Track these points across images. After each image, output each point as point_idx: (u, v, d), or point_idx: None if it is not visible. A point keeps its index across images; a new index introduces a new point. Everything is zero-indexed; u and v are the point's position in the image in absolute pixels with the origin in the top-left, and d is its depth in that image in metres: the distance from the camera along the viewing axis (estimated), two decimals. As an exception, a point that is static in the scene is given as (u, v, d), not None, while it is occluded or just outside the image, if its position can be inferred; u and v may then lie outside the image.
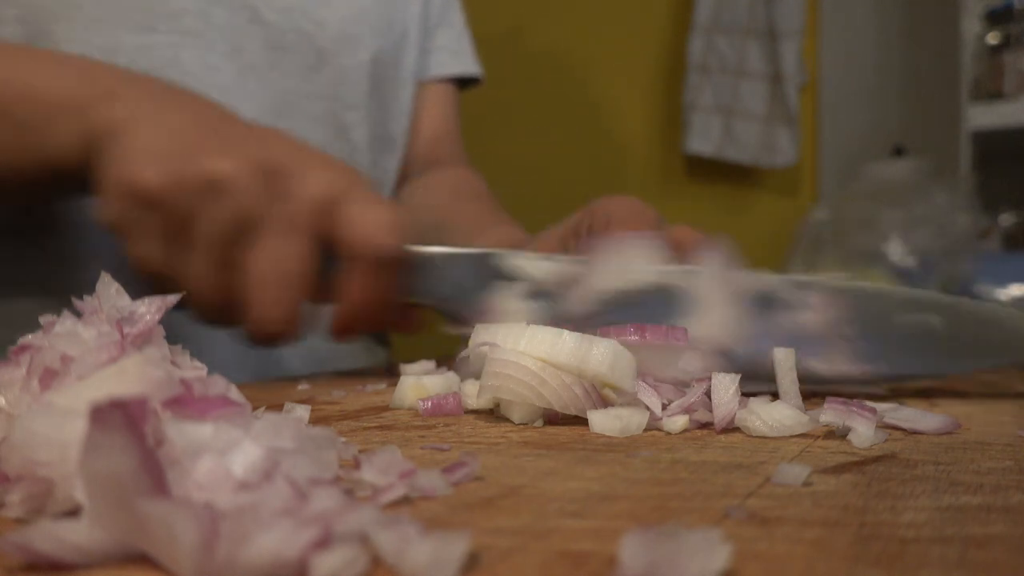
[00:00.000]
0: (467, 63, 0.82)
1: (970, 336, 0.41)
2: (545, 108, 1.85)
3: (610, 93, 1.83)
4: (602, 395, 0.32)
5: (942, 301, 0.42)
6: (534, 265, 0.44)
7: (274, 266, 0.44)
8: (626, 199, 0.51)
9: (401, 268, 0.46)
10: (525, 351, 0.31)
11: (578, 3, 1.85)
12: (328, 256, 0.45)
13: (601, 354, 0.31)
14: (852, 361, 0.41)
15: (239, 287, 0.45)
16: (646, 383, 0.32)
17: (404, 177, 0.78)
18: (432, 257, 0.47)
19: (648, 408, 0.32)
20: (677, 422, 0.31)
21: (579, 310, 0.43)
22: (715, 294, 0.41)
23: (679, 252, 0.46)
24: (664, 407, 0.32)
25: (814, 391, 0.39)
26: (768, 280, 0.41)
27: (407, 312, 0.49)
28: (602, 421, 0.30)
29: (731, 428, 0.31)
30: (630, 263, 0.42)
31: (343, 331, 0.48)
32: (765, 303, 0.41)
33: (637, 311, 0.42)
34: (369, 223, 0.44)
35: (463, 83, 0.84)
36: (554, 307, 0.44)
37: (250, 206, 0.44)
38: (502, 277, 0.45)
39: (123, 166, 0.44)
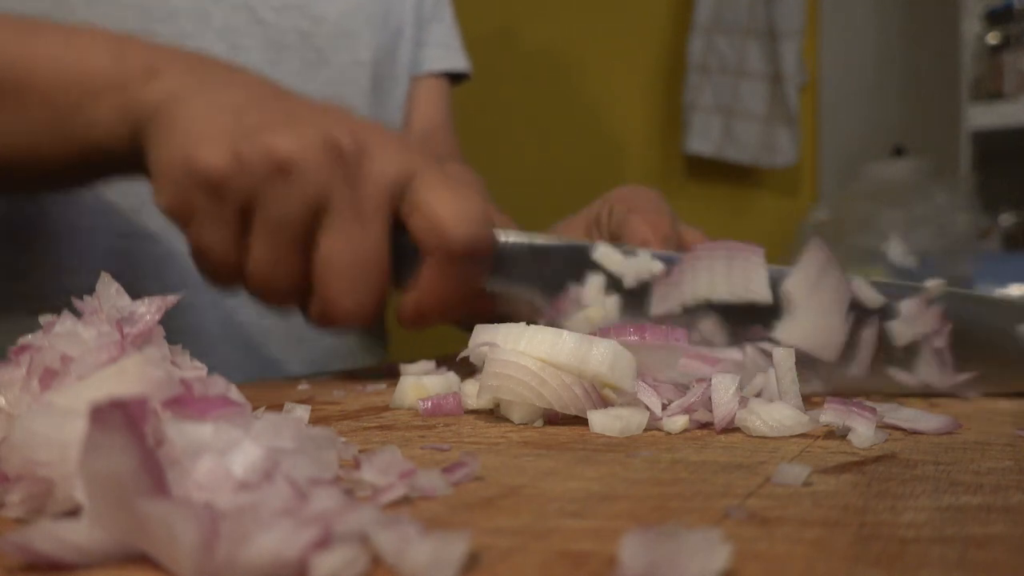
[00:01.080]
0: (458, 59, 0.82)
1: None
2: (545, 108, 1.85)
3: (610, 93, 1.83)
4: (602, 395, 0.32)
5: None
6: (617, 259, 0.43)
7: (348, 253, 0.42)
8: (644, 190, 0.51)
9: (479, 259, 0.43)
10: (525, 351, 0.31)
11: (578, 3, 1.85)
12: (402, 241, 0.43)
13: (601, 354, 0.31)
14: (940, 371, 0.40)
15: (308, 272, 0.43)
16: (646, 383, 0.32)
17: None
18: (514, 247, 0.44)
19: (648, 408, 0.32)
20: (677, 422, 0.31)
21: (660, 311, 0.42)
22: (810, 300, 0.40)
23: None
24: (664, 407, 0.32)
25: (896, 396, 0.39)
26: (859, 286, 0.40)
27: (485, 302, 0.46)
28: (602, 421, 0.30)
29: (731, 428, 0.31)
30: (725, 273, 0.41)
31: (415, 320, 0.45)
32: (858, 310, 0.40)
33: (720, 318, 0.41)
34: (445, 212, 0.42)
35: (453, 79, 0.84)
36: (634, 304, 0.43)
37: (321, 188, 0.41)
38: (587, 269, 0.43)
39: (179, 147, 0.41)
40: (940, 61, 1.55)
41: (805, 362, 0.38)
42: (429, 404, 0.35)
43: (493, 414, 0.35)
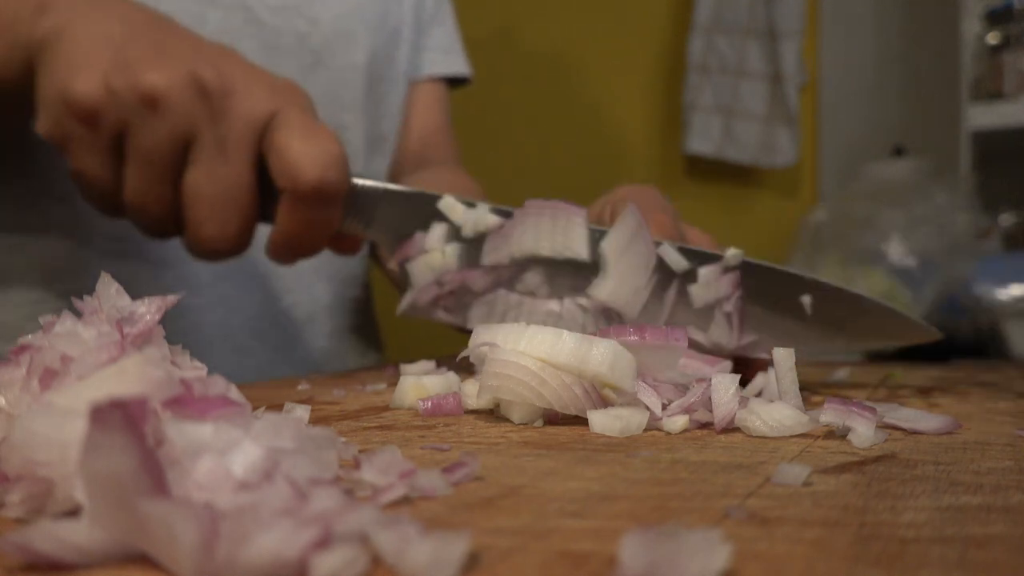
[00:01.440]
0: (458, 63, 0.82)
1: (838, 319, 0.43)
2: (545, 108, 1.85)
3: (610, 93, 1.83)
4: (602, 395, 0.32)
5: (813, 282, 0.43)
6: (459, 210, 0.46)
7: (212, 186, 0.45)
8: (647, 188, 0.51)
9: (330, 201, 0.45)
10: (525, 351, 0.31)
11: (578, 3, 1.85)
12: (270, 178, 0.46)
13: (601, 354, 0.31)
14: (729, 334, 0.43)
15: (179, 202, 0.46)
16: (646, 383, 0.32)
17: (395, 176, 0.78)
18: (366, 191, 0.47)
19: (648, 408, 0.32)
20: (677, 422, 0.31)
21: (491, 261, 0.45)
22: (620, 261, 0.43)
23: None
24: (664, 407, 0.32)
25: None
26: (667, 250, 0.43)
27: (343, 239, 0.50)
28: (602, 421, 0.30)
29: (731, 428, 0.31)
30: (549, 230, 0.44)
31: (278, 254, 0.48)
32: (666, 273, 0.43)
33: (543, 272, 0.44)
34: (299, 154, 0.44)
35: (453, 83, 0.84)
36: (469, 252, 0.45)
37: (186, 122, 0.43)
38: (433, 217, 0.46)
39: (58, 78, 0.44)
40: (940, 61, 1.54)
41: (611, 317, 0.43)
42: (429, 404, 0.35)
43: (493, 414, 0.35)
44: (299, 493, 0.17)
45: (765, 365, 0.44)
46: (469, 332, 0.64)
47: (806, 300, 0.43)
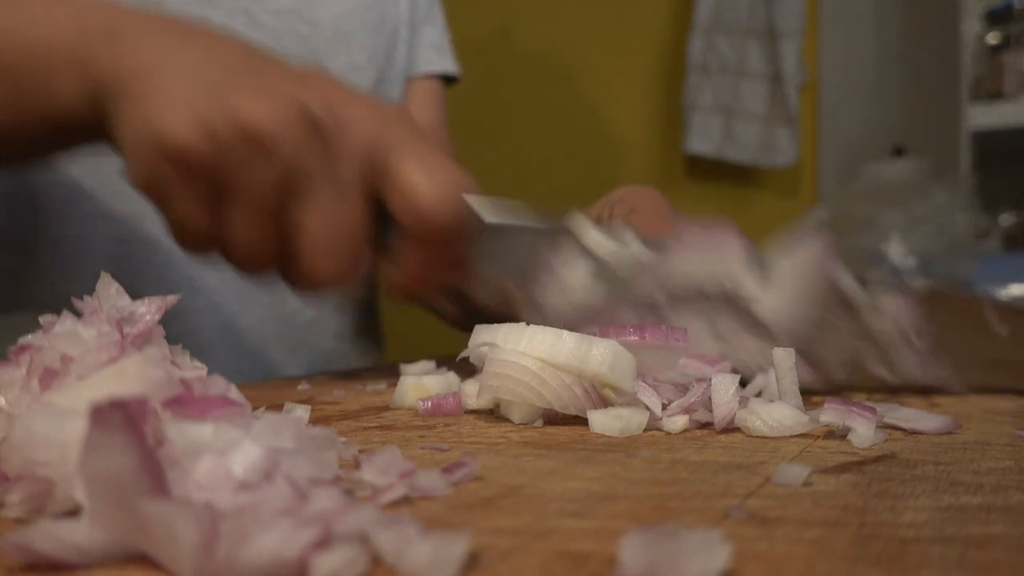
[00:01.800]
0: (449, 61, 0.82)
1: None
2: (545, 108, 1.85)
3: (610, 93, 1.83)
4: (602, 395, 0.32)
5: (1010, 308, 0.41)
6: (605, 245, 0.43)
7: (324, 224, 0.40)
8: (646, 190, 0.50)
9: (458, 235, 0.42)
10: (525, 351, 0.31)
11: (578, 3, 1.85)
12: (384, 208, 0.42)
13: (601, 354, 0.31)
14: (919, 367, 0.41)
15: (288, 243, 0.42)
16: (646, 383, 0.32)
17: None
18: (497, 227, 0.43)
19: (648, 408, 0.32)
20: (677, 422, 0.31)
21: (644, 297, 0.42)
22: (792, 283, 0.41)
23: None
24: (664, 407, 0.32)
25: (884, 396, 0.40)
26: (844, 279, 0.41)
27: (470, 277, 0.45)
28: (602, 421, 0.30)
29: (731, 428, 0.31)
30: (706, 260, 0.42)
31: (401, 292, 0.45)
32: (840, 303, 0.41)
33: (702, 305, 0.41)
34: (422, 190, 0.40)
35: (444, 81, 0.84)
36: (618, 290, 0.42)
37: (295, 160, 0.39)
38: (571, 253, 0.43)
39: (146, 119, 0.39)
40: (940, 61, 1.55)
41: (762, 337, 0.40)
42: (429, 404, 0.35)
43: (493, 414, 0.35)
44: (299, 493, 0.17)
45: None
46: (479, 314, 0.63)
47: (997, 325, 0.40)
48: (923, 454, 0.27)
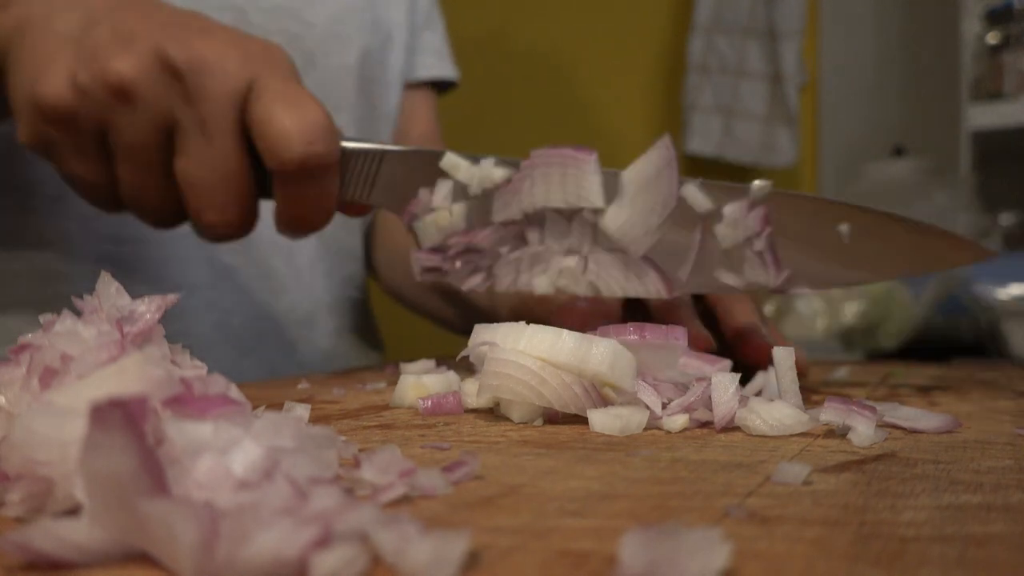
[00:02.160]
0: (449, 67, 0.83)
1: (873, 248, 0.41)
2: (545, 108, 1.85)
3: (610, 93, 1.83)
4: (602, 394, 0.32)
5: (849, 207, 0.41)
6: (463, 166, 0.44)
7: (202, 171, 0.42)
8: None
9: (323, 172, 0.43)
10: (525, 350, 0.31)
11: (578, 4, 1.85)
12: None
13: (601, 354, 0.31)
14: (765, 272, 0.41)
15: (175, 190, 0.44)
16: (646, 382, 0.32)
17: None
18: (362, 154, 0.45)
19: (648, 407, 0.32)
20: (677, 421, 0.31)
21: (501, 218, 0.43)
22: (639, 197, 0.41)
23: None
24: (664, 406, 0.32)
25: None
26: (689, 190, 0.41)
27: (348, 206, 0.47)
28: (602, 420, 0.30)
29: (731, 427, 0.31)
30: (560, 180, 0.42)
31: (286, 232, 0.46)
32: (689, 215, 0.41)
33: (557, 223, 0.42)
34: (283, 129, 0.41)
35: (441, 86, 0.84)
36: (477, 210, 0.43)
37: (163, 109, 0.41)
38: (436, 176, 0.44)
39: (25, 82, 0.42)
40: (940, 61, 1.55)
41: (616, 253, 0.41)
42: (429, 403, 0.35)
43: (493, 413, 0.35)
44: (299, 492, 0.17)
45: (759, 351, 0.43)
46: (472, 312, 0.62)
47: (843, 229, 0.40)
48: (923, 453, 0.27)
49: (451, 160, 0.44)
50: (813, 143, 1.74)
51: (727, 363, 0.38)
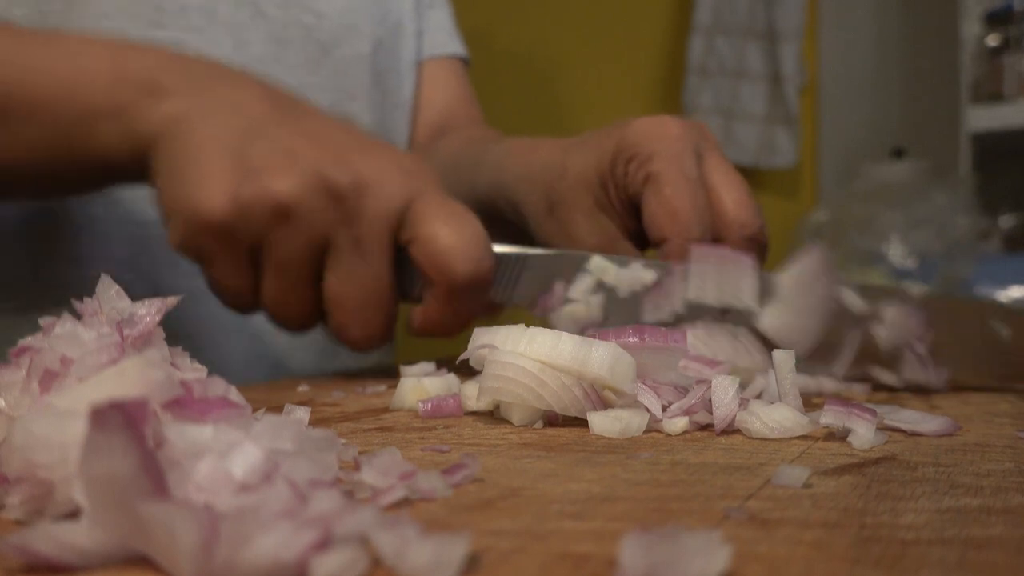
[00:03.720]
0: (458, 45, 0.83)
1: None
2: (545, 109, 1.86)
3: (610, 94, 1.83)
4: (602, 397, 0.32)
5: (1011, 311, 0.42)
6: (611, 271, 0.44)
7: (352, 288, 0.43)
8: (664, 134, 0.46)
9: (486, 288, 0.44)
10: (525, 353, 0.31)
11: (577, 4, 1.85)
12: (406, 258, 0.45)
13: (601, 357, 0.31)
14: (921, 371, 0.42)
15: (321, 302, 0.45)
16: (646, 385, 0.32)
17: (414, 150, 0.78)
18: (509, 259, 0.45)
19: (648, 410, 0.32)
20: (677, 423, 0.31)
21: (652, 320, 0.43)
22: (797, 298, 0.42)
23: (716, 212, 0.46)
24: (664, 408, 0.32)
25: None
26: (844, 291, 0.42)
27: (488, 310, 0.48)
28: (602, 423, 0.30)
29: (731, 430, 0.31)
30: (712, 283, 0.42)
31: (423, 334, 0.47)
32: (841, 313, 0.42)
33: (708, 324, 0.42)
34: (447, 246, 0.42)
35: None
36: (622, 305, 0.44)
37: (321, 229, 0.42)
38: (573, 272, 0.44)
39: (182, 190, 0.42)
40: (940, 63, 1.55)
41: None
42: (429, 406, 0.35)
43: (493, 416, 0.35)
44: (299, 495, 0.17)
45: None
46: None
47: (1000, 327, 0.41)
48: (923, 456, 0.27)
49: (599, 264, 0.44)
50: (813, 144, 1.74)
51: (727, 365, 0.38)
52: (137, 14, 0.60)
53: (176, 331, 0.26)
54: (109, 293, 0.25)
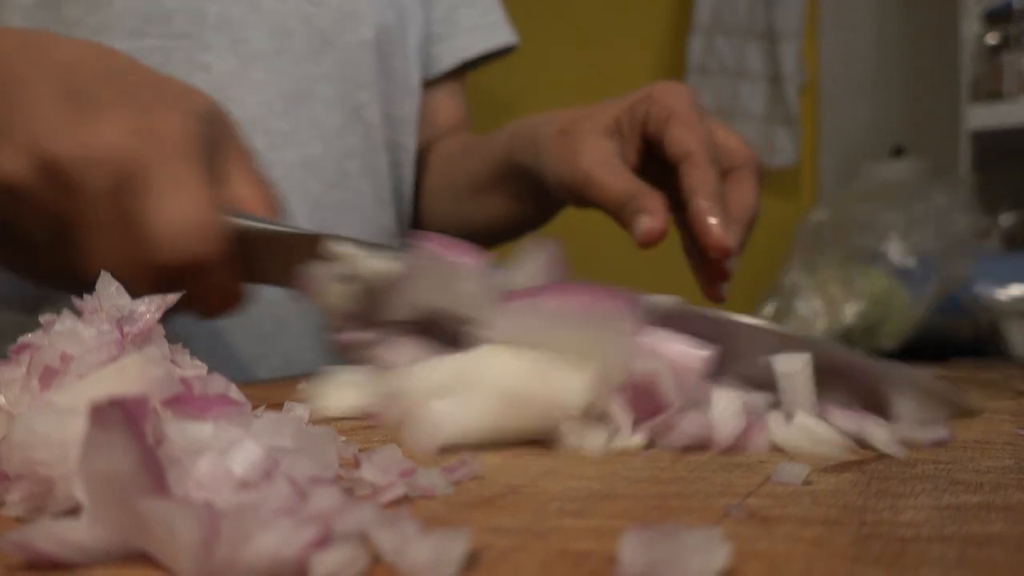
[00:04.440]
0: (501, 33, 0.83)
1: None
2: (545, 109, 1.85)
3: (609, 94, 1.83)
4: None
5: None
6: (358, 259, 0.40)
7: (97, 267, 0.40)
8: (680, 90, 0.52)
9: (206, 263, 0.40)
10: (484, 378, 0.28)
11: (577, 4, 1.85)
12: None
13: (563, 379, 0.28)
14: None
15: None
16: (617, 396, 0.29)
17: (428, 147, 0.78)
18: (255, 232, 0.42)
19: (619, 424, 0.28)
20: (635, 440, 0.28)
21: (394, 315, 0.38)
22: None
23: (725, 162, 0.49)
24: (636, 421, 0.28)
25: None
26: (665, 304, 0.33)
27: (232, 289, 0.44)
28: (579, 437, 0.28)
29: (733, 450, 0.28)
30: (458, 283, 0.36)
31: (204, 317, 0.44)
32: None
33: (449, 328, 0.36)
34: (172, 226, 0.39)
35: (469, 65, 0.84)
36: (370, 300, 0.39)
37: (48, 209, 0.40)
38: (326, 259, 0.40)
39: None
40: (939, 61, 1.55)
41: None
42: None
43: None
44: (299, 492, 0.17)
45: None
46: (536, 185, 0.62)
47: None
48: (923, 453, 0.27)
49: (347, 250, 0.40)
50: (813, 144, 1.74)
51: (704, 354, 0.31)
52: (123, 25, 0.59)
53: (181, 331, 0.26)
54: (109, 290, 0.25)
